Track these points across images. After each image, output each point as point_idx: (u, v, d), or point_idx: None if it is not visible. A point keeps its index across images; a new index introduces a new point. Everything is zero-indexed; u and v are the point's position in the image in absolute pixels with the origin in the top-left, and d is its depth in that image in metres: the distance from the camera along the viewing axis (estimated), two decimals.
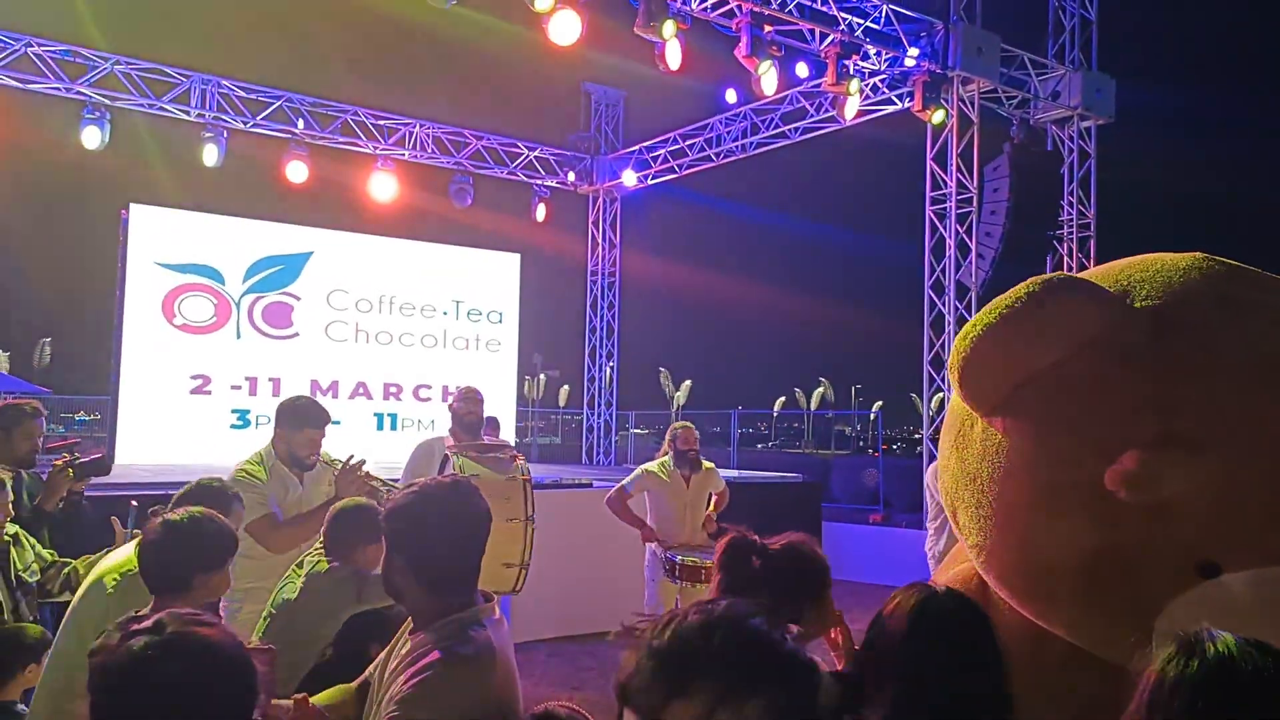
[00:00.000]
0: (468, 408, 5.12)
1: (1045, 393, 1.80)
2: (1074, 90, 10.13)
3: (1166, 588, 1.70)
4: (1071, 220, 10.28)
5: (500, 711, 1.77)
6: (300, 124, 11.73)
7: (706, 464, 5.83)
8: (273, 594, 2.90)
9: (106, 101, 10.62)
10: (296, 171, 11.60)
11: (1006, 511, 1.87)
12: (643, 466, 5.87)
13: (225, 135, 11.24)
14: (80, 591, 2.76)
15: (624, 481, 5.80)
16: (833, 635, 2.15)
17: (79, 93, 10.48)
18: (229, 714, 1.31)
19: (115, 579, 2.62)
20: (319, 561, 2.87)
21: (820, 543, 2.24)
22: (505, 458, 4.31)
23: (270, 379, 10.72)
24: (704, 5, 8.60)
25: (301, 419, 3.85)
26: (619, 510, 5.69)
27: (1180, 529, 1.66)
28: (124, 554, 2.74)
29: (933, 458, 6.96)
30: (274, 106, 11.58)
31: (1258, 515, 1.65)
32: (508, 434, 11.26)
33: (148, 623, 1.31)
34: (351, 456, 3.77)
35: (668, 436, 5.89)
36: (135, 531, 2.89)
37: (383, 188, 12.17)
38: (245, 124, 11.47)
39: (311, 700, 1.89)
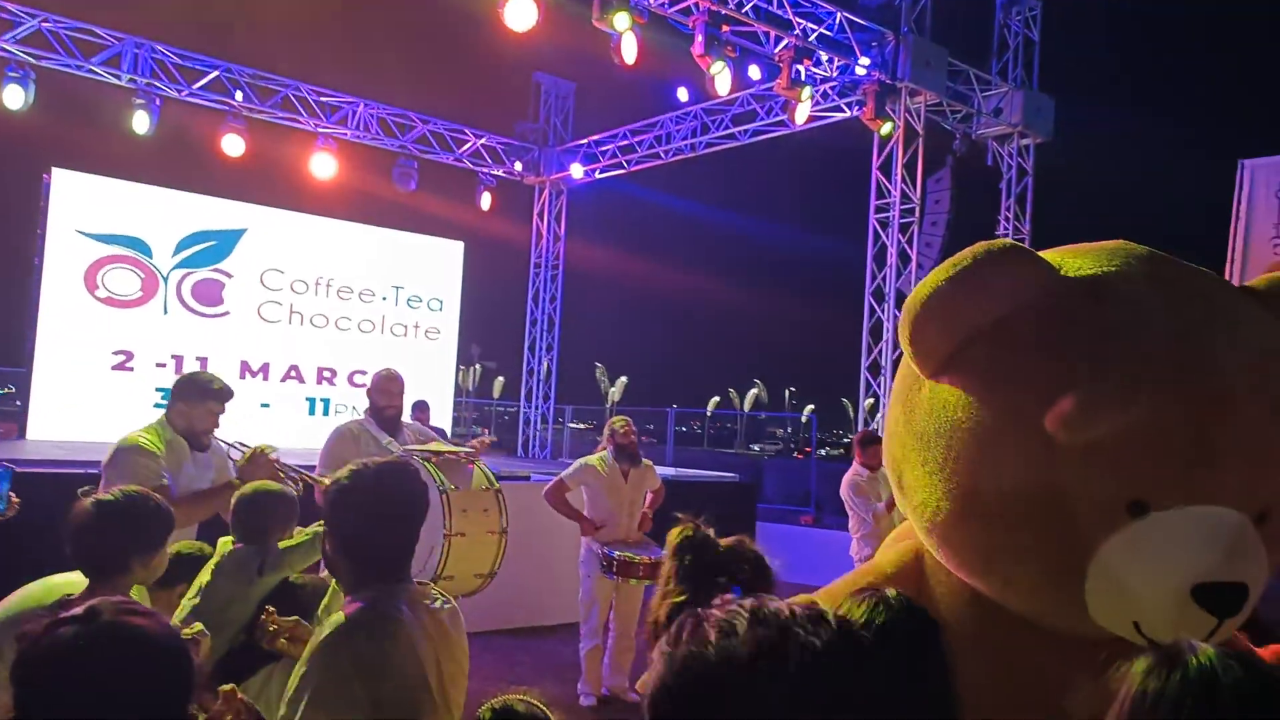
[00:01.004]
0: (386, 400, 4.90)
1: (989, 350, 1.92)
2: (1015, 108, 10.38)
3: (1099, 528, 1.81)
4: (1007, 235, 10.53)
5: (398, 681, 1.79)
6: (238, 96, 11.35)
7: (645, 461, 5.82)
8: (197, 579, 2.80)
9: (32, 61, 10.12)
10: (233, 145, 11.22)
11: (951, 465, 1.97)
12: (582, 460, 5.82)
13: (158, 103, 10.82)
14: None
15: (563, 474, 5.75)
16: None
17: (2, 49, 9.97)
18: (164, 708, 1.23)
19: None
20: (227, 542, 2.81)
21: (755, 542, 2.24)
22: (462, 463, 4.26)
23: (198, 358, 10.37)
24: (661, 0, 8.58)
25: (204, 391, 3.71)
26: (558, 503, 5.64)
27: (1112, 470, 1.78)
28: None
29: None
30: (211, 76, 11.19)
31: (1182, 456, 1.77)
32: (443, 423, 11.09)
33: (79, 610, 1.23)
34: (272, 449, 3.65)
35: (606, 431, 5.85)
36: None
37: (323, 167, 11.86)
38: (180, 93, 11.06)
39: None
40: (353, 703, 1.74)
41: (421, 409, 9.10)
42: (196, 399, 3.68)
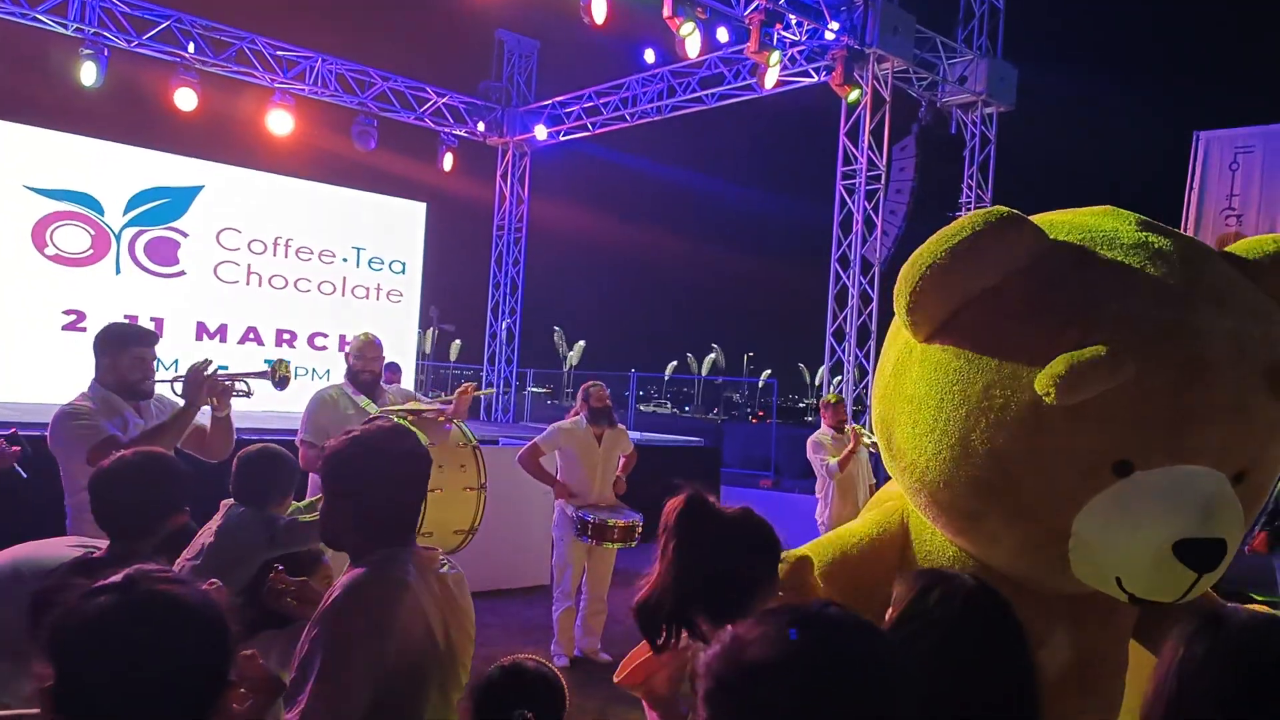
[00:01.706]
0: (364, 364, 4.86)
1: (981, 315, 1.99)
2: (980, 76, 10.44)
3: (1085, 488, 1.89)
4: (969, 203, 10.64)
5: (403, 642, 1.79)
6: (191, 48, 10.97)
7: (619, 425, 5.84)
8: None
9: None
10: (185, 99, 10.85)
11: (943, 426, 2.03)
12: (555, 425, 5.82)
13: (106, 54, 10.42)
14: None
15: (537, 439, 5.75)
16: None
17: None
18: (204, 679, 1.21)
19: None
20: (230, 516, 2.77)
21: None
22: (441, 421, 4.23)
23: (153, 318, 10.10)
24: None
25: (125, 337, 3.57)
26: (532, 468, 5.64)
27: (1098, 431, 1.86)
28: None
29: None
30: (162, 27, 10.78)
31: (1166, 418, 1.85)
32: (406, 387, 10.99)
33: (116, 578, 1.20)
34: (209, 361, 3.56)
35: (580, 395, 5.85)
36: None
37: (280, 123, 11.54)
38: (129, 43, 10.66)
39: None
40: (364, 666, 1.74)
41: (393, 371, 9.07)
42: (117, 349, 3.52)
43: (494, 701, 1.84)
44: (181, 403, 3.54)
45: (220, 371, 3.60)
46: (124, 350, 3.51)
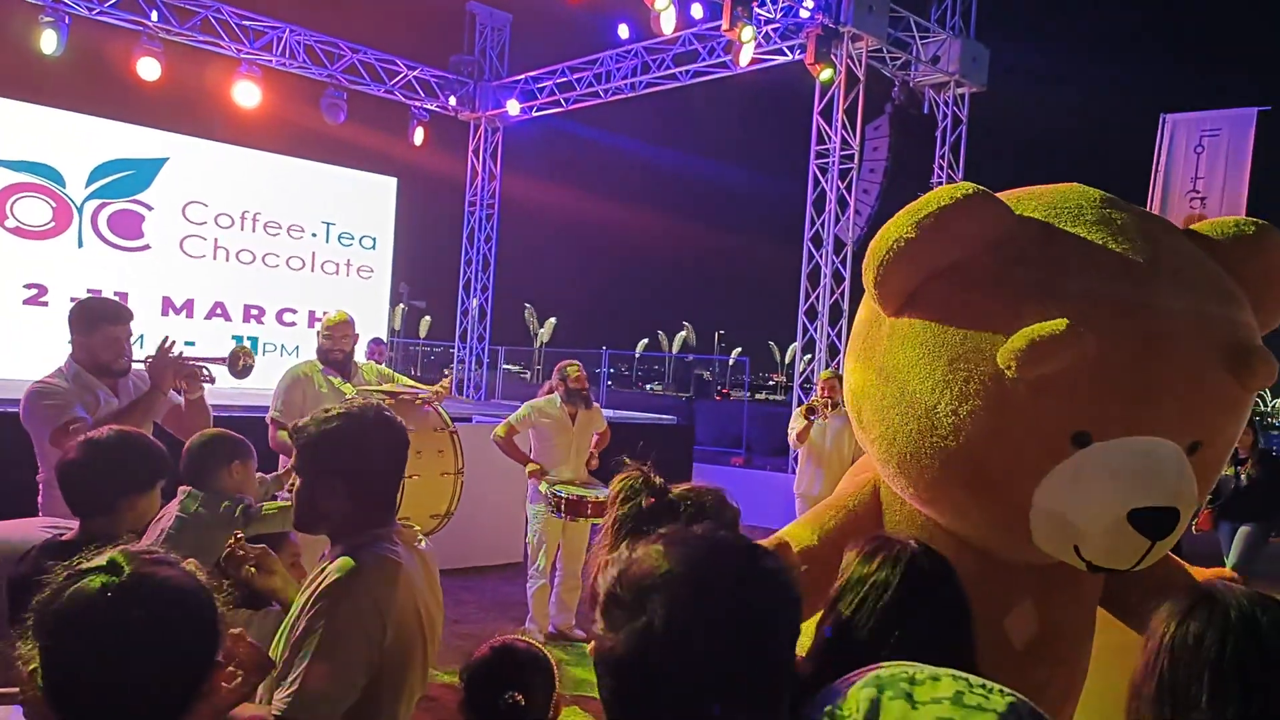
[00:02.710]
0: (333, 344, 4.77)
1: (948, 289, 2.03)
2: (952, 57, 10.48)
3: (1045, 458, 1.94)
4: (941, 183, 10.70)
5: (399, 622, 1.80)
6: (154, 16, 10.72)
7: (595, 404, 5.86)
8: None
9: None
10: (148, 69, 10.61)
11: (909, 399, 2.08)
12: (530, 403, 5.82)
13: (67, 22, 10.15)
14: None
15: (510, 417, 5.75)
16: None
17: None
18: (194, 660, 1.21)
19: None
20: (188, 499, 2.70)
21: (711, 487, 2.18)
22: (417, 403, 4.21)
23: (116, 293, 9.89)
24: None
25: (95, 316, 3.50)
26: (507, 447, 5.64)
27: (1058, 403, 1.90)
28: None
29: (798, 403, 7.25)
30: None
31: (1125, 390, 1.90)
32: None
33: (100, 560, 1.18)
34: (167, 338, 3.51)
35: (556, 375, 5.84)
36: None
37: (246, 95, 11.34)
38: (90, 11, 10.39)
39: None
40: (363, 647, 1.74)
41: (379, 344, 9.10)
42: (90, 327, 3.46)
43: (485, 683, 1.86)
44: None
45: (186, 355, 3.55)
46: (95, 329, 3.45)
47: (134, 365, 3.61)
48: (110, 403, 3.46)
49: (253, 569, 2.16)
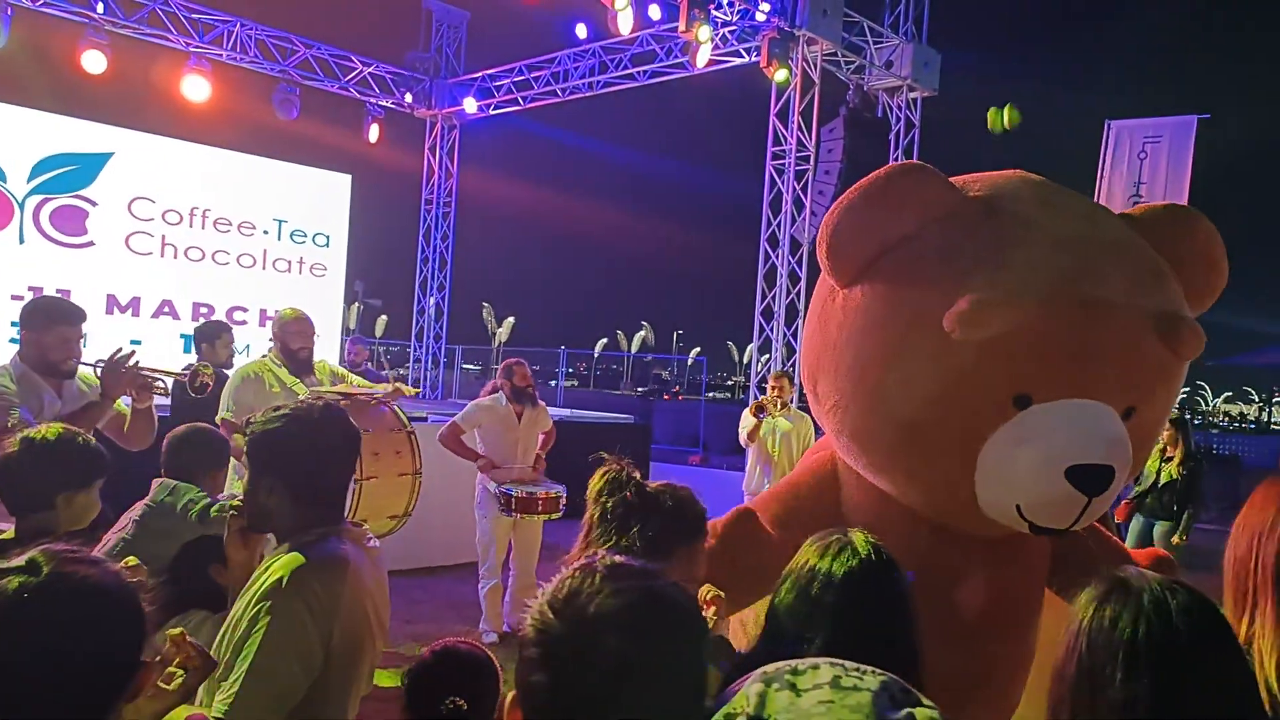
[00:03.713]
0: (304, 342, 4.73)
1: (897, 261, 2.13)
2: (905, 61, 10.64)
3: (989, 420, 2.04)
4: None
5: (347, 622, 1.79)
6: (100, 8, 10.47)
7: (540, 402, 5.84)
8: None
9: None
10: (94, 62, 10.35)
11: (861, 367, 2.18)
12: (475, 402, 5.80)
13: (9, 13, 9.87)
14: None
15: (456, 417, 5.72)
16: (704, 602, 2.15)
17: None
18: (114, 661, 1.19)
19: None
20: (161, 487, 2.77)
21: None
22: (374, 404, 4.18)
23: (59, 290, 9.65)
24: None
25: (48, 316, 3.48)
26: (454, 445, 5.60)
27: (1001, 366, 2.01)
28: None
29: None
30: None
31: (1063, 353, 2.01)
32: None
33: (19, 560, 1.16)
34: (119, 350, 3.48)
35: (501, 372, 5.81)
36: None
37: (195, 89, 11.11)
38: (34, 2, 10.11)
39: None
40: (307, 646, 1.73)
41: (357, 343, 9.01)
42: (42, 326, 3.44)
43: (427, 686, 1.85)
44: (97, 371, 3.49)
45: (141, 365, 3.52)
46: (48, 329, 3.43)
47: (82, 366, 3.57)
48: (54, 405, 3.42)
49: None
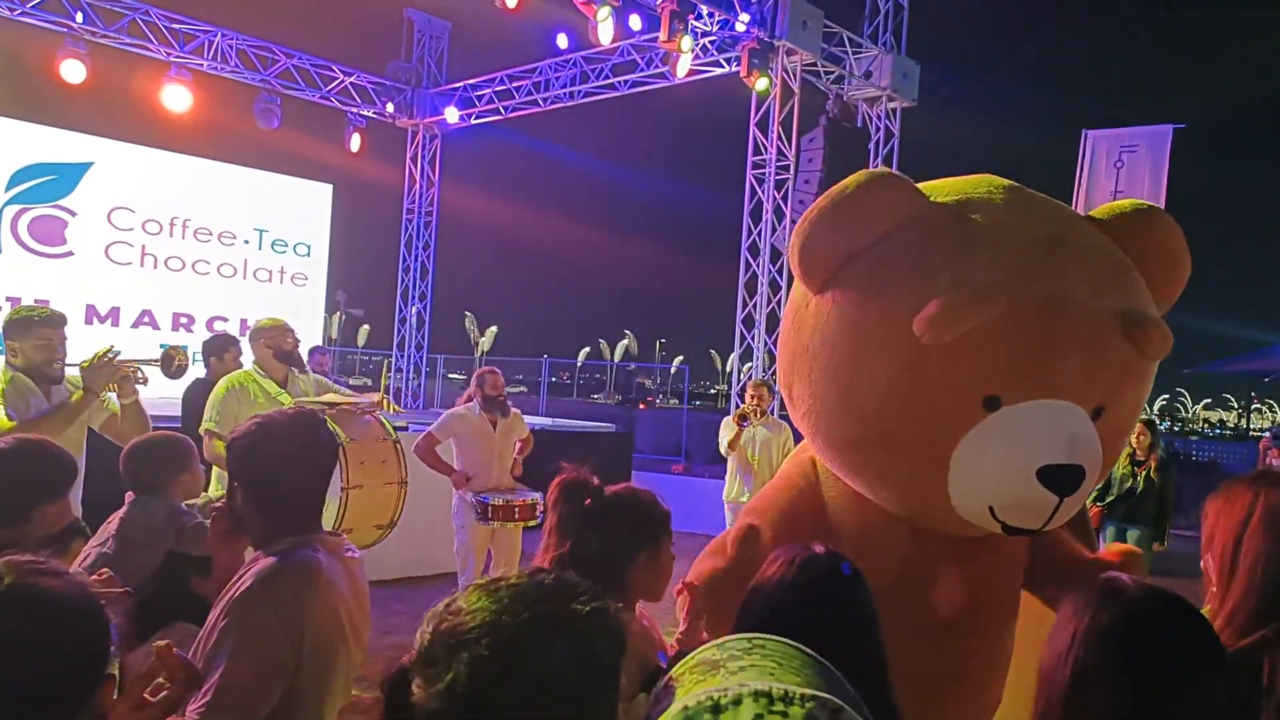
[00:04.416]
0: (292, 347, 4.78)
1: (867, 266, 2.16)
2: (884, 72, 10.74)
3: (959, 422, 2.06)
4: None
5: (319, 630, 1.79)
6: (79, 18, 10.42)
7: (514, 410, 5.84)
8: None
9: None
10: (73, 71, 10.29)
11: (834, 371, 2.20)
12: (449, 412, 5.79)
13: None
14: None
15: (432, 427, 5.71)
16: (677, 595, 2.13)
17: None
18: (75, 673, 1.18)
19: None
20: (134, 501, 2.74)
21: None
22: (359, 414, 4.18)
23: (37, 300, 9.60)
24: None
25: (26, 323, 3.59)
26: (430, 459, 5.58)
27: (970, 367, 2.03)
28: None
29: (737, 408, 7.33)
30: None
31: (1031, 354, 2.03)
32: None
33: None
34: (112, 348, 3.57)
35: (474, 381, 5.81)
36: None
37: (176, 99, 11.06)
38: (12, 11, 10.06)
39: None
40: (277, 655, 1.73)
41: (321, 353, 8.94)
42: (23, 333, 3.55)
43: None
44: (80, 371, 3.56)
45: (119, 358, 3.59)
46: (28, 333, 3.54)
47: (70, 370, 3.65)
48: (42, 409, 3.49)
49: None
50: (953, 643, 2.32)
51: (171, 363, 3.95)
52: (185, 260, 10.80)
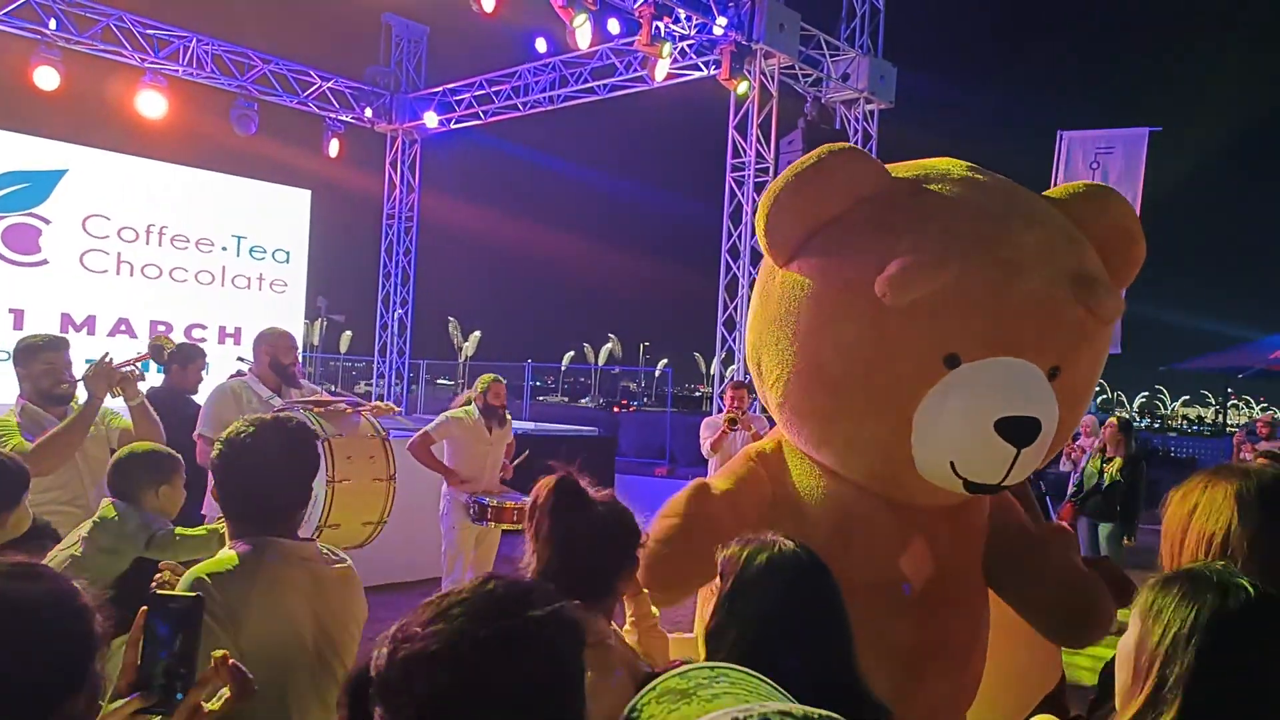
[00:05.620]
0: (292, 357, 4.83)
1: (830, 236, 2.25)
2: (861, 74, 10.81)
3: (921, 381, 2.15)
4: None
5: (256, 629, 1.76)
6: (52, 24, 10.34)
7: (509, 420, 5.90)
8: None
9: None
10: (46, 78, 10.21)
11: (801, 339, 2.28)
12: (447, 413, 5.80)
13: None
14: None
15: (428, 426, 5.71)
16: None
17: None
18: (53, 676, 1.17)
19: None
20: (108, 506, 2.79)
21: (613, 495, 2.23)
22: (349, 412, 4.18)
23: (11, 310, 9.51)
24: None
25: (29, 350, 3.67)
26: (424, 457, 5.59)
27: (929, 326, 2.12)
28: None
29: (718, 414, 7.34)
30: (20, 2, 10.12)
31: (986, 312, 2.13)
32: None
33: None
34: (107, 354, 3.61)
35: (477, 388, 5.82)
36: None
37: (151, 105, 10.98)
38: None
39: None
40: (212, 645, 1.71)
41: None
42: (29, 359, 3.64)
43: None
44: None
45: (113, 362, 3.62)
46: (34, 358, 3.63)
47: (77, 388, 3.69)
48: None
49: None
50: (927, 614, 2.39)
51: (161, 353, 3.98)
52: (162, 268, 10.69)
